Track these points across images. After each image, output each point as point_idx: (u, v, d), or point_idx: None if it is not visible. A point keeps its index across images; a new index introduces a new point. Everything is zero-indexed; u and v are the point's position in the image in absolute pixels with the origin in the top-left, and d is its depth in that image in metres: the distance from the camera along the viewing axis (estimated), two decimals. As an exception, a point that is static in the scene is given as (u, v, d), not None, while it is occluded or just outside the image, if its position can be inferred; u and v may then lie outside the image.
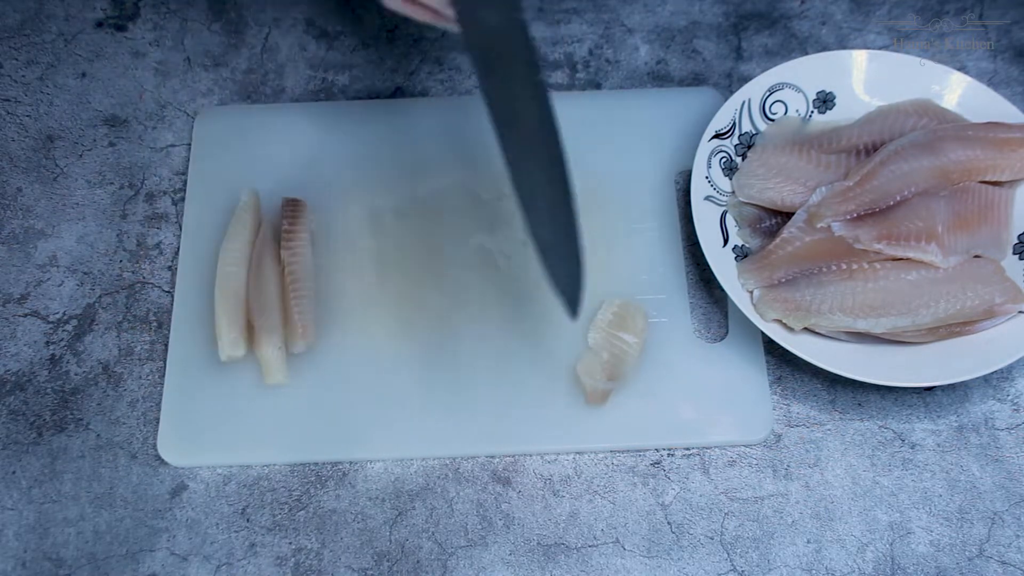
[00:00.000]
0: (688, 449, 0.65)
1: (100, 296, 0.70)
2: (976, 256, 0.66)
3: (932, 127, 0.68)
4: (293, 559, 0.62)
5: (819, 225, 0.65)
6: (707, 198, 0.69)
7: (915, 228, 0.64)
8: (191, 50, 0.81)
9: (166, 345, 0.68)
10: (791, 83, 0.72)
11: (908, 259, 0.65)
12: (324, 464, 0.65)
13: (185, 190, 0.73)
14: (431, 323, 0.68)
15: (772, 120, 0.72)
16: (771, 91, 0.72)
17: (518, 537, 0.62)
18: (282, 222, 0.69)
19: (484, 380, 0.66)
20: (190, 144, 0.76)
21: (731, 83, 0.78)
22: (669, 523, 0.63)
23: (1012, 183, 0.68)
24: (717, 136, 0.70)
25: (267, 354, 0.65)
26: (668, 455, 0.65)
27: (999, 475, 0.64)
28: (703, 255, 0.66)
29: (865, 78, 0.73)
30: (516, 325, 0.68)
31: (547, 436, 0.64)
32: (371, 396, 0.65)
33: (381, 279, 0.70)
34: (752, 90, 0.72)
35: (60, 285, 0.71)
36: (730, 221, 0.69)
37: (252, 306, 0.67)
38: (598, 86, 0.78)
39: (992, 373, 0.63)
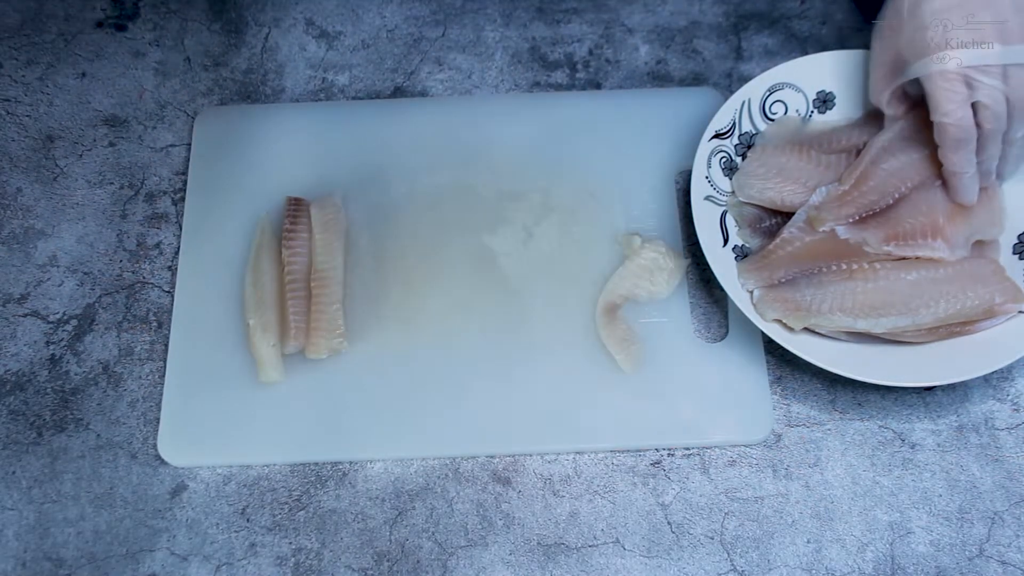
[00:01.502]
0: (688, 449, 0.65)
1: (100, 296, 0.70)
2: (977, 242, 0.66)
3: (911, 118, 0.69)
4: (293, 559, 0.62)
5: (821, 229, 0.65)
6: (707, 198, 0.69)
7: (919, 224, 0.64)
8: (191, 50, 0.81)
9: (166, 345, 0.68)
10: (791, 83, 0.72)
11: (909, 258, 0.65)
12: (324, 464, 0.65)
13: (185, 190, 0.73)
14: (431, 322, 0.68)
15: (772, 120, 0.72)
16: (771, 91, 0.72)
17: (518, 537, 0.62)
18: (284, 221, 0.69)
19: (484, 380, 0.66)
20: (190, 144, 0.76)
21: (731, 83, 0.78)
22: (669, 523, 0.63)
23: None
24: (717, 136, 0.70)
25: (261, 352, 0.65)
26: (668, 455, 0.65)
27: (999, 475, 0.64)
28: (703, 255, 0.66)
29: (865, 78, 0.73)
30: (516, 324, 0.68)
31: (547, 436, 0.64)
32: (371, 396, 0.65)
33: (381, 278, 0.70)
34: (752, 90, 0.72)
35: (60, 285, 0.71)
36: (730, 221, 0.69)
37: (247, 303, 0.67)
38: (598, 86, 0.78)
39: (992, 373, 0.63)
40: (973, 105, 0.59)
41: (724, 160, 0.70)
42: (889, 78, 0.64)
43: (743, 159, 0.71)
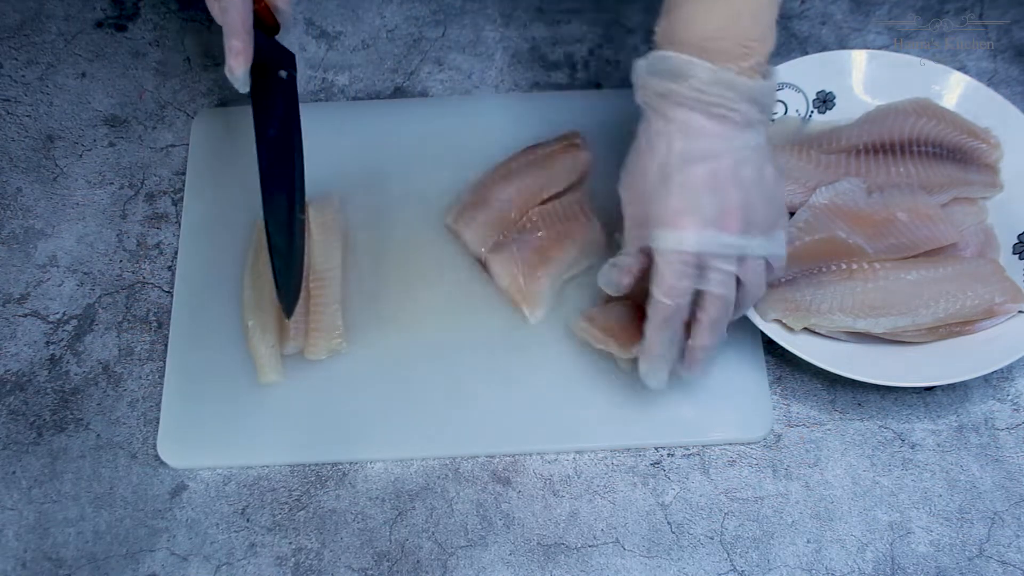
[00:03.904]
0: (688, 449, 0.65)
1: (100, 296, 0.70)
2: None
3: None
4: (293, 559, 0.62)
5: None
6: (707, 198, 0.69)
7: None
8: (191, 50, 0.81)
9: (166, 345, 0.68)
10: (791, 83, 0.72)
11: (908, 258, 0.65)
12: (324, 464, 0.65)
13: (185, 190, 0.73)
14: (430, 322, 0.68)
15: (772, 120, 0.72)
16: (771, 91, 0.72)
17: (518, 537, 0.62)
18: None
19: (483, 380, 0.66)
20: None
21: (731, 83, 0.78)
22: (669, 523, 0.63)
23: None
24: (717, 136, 0.70)
25: (261, 353, 0.65)
26: (668, 455, 0.65)
27: (999, 475, 0.64)
28: (703, 255, 0.66)
29: (865, 78, 0.73)
30: (516, 324, 0.68)
31: (547, 435, 0.64)
32: (371, 396, 0.65)
33: (380, 279, 0.70)
34: (752, 90, 0.71)
35: (60, 285, 0.71)
36: (730, 221, 0.69)
37: (246, 304, 0.67)
38: (598, 86, 0.78)
39: (992, 373, 0.63)
40: (698, 291, 0.55)
41: (724, 160, 0.70)
42: (638, 230, 0.57)
43: (743, 159, 0.71)
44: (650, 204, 0.55)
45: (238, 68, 0.61)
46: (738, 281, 0.56)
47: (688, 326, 0.57)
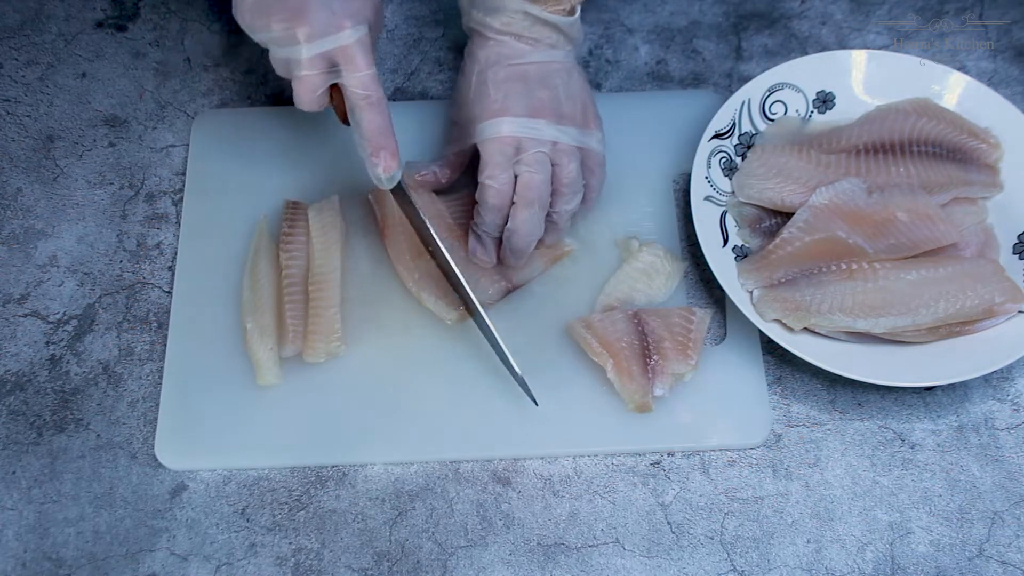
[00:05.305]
0: (687, 450, 0.65)
1: (100, 296, 0.70)
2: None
3: None
4: (293, 559, 0.62)
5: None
6: (707, 198, 0.69)
7: None
8: (191, 50, 0.81)
9: (166, 345, 0.68)
10: (791, 83, 0.72)
11: (908, 258, 0.65)
12: (324, 464, 0.65)
13: (185, 190, 0.73)
14: (431, 323, 0.68)
15: (772, 120, 0.72)
16: (771, 91, 0.72)
17: (518, 537, 0.62)
18: (282, 224, 0.69)
19: (483, 383, 0.66)
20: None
21: (731, 83, 0.78)
22: (669, 523, 0.63)
23: None
24: (717, 136, 0.70)
25: (259, 355, 0.65)
26: (668, 455, 0.65)
27: (999, 475, 0.64)
28: (702, 257, 0.66)
29: (865, 78, 0.73)
30: (516, 325, 0.68)
31: (545, 441, 0.64)
32: (370, 400, 0.65)
33: (378, 282, 0.69)
34: (752, 90, 0.72)
35: (60, 285, 0.71)
36: (730, 221, 0.69)
37: (245, 306, 0.67)
38: (598, 86, 0.78)
39: (992, 373, 0.63)
40: (517, 177, 0.63)
41: (724, 160, 0.70)
42: (457, 139, 0.67)
43: (743, 159, 0.71)
44: (472, 107, 0.64)
45: (396, 168, 0.62)
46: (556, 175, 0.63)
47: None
